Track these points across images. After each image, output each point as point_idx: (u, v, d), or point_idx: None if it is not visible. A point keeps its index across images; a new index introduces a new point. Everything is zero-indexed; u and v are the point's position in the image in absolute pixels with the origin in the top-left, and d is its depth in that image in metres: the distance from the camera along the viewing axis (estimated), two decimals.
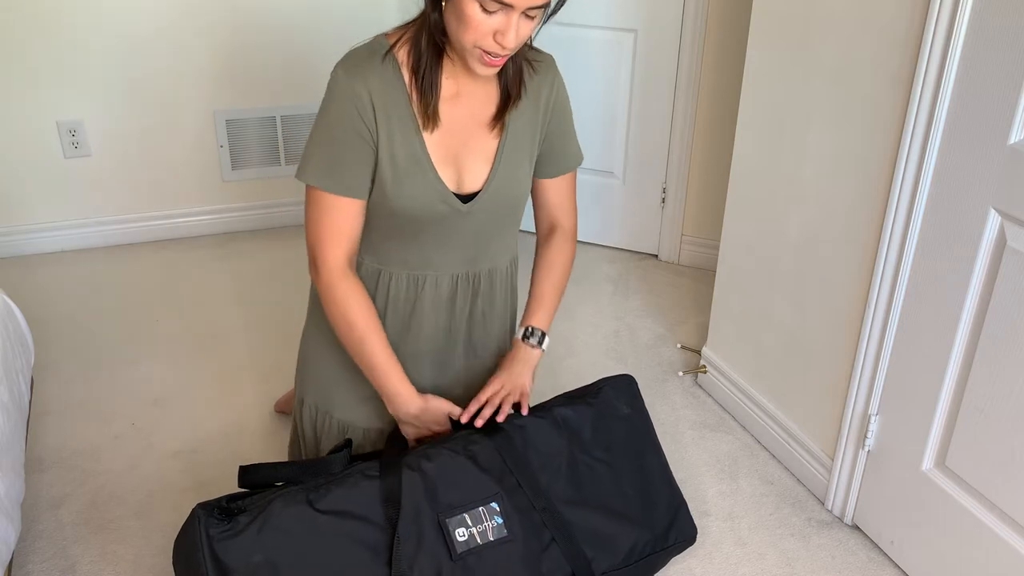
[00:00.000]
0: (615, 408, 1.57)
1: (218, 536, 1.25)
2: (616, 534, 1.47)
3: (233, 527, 1.26)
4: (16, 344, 1.74)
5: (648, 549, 1.50)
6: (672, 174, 2.80)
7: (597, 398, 1.56)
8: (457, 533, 1.35)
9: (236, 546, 1.25)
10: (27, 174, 2.75)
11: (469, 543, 1.35)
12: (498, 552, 1.37)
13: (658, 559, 1.54)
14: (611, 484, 1.50)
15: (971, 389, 1.45)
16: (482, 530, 1.37)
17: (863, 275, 1.65)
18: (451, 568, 1.33)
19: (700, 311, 2.60)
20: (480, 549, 1.36)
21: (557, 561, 1.41)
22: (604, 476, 1.50)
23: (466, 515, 1.37)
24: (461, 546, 1.34)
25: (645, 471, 1.55)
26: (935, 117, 1.43)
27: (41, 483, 1.82)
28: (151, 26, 2.71)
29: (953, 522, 1.51)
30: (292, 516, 1.29)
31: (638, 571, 1.50)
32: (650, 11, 2.63)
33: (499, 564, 1.36)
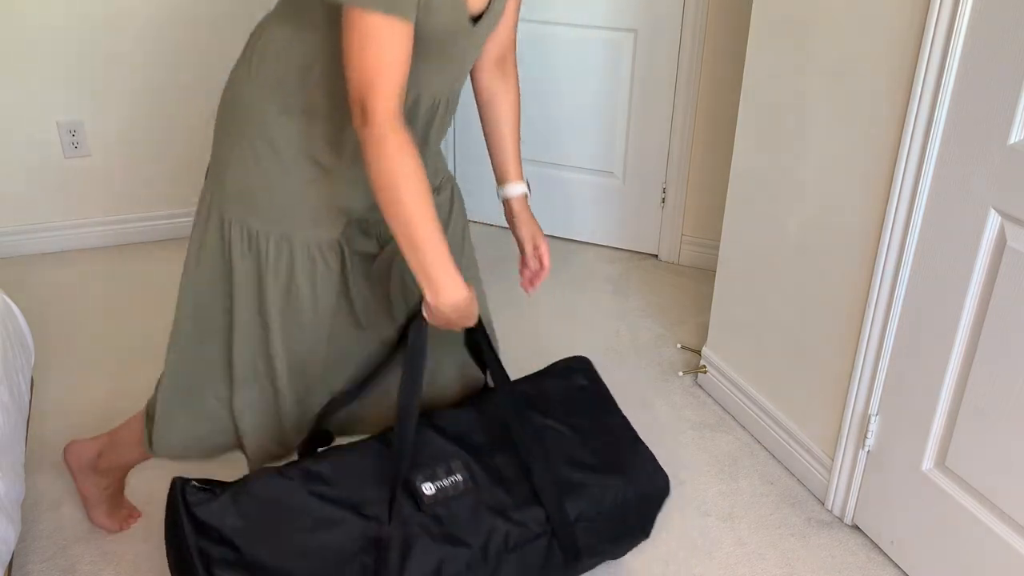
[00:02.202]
0: (572, 380, 1.63)
1: (195, 502, 1.31)
2: (586, 483, 1.49)
3: (210, 495, 1.33)
4: (16, 344, 1.74)
5: (620, 497, 1.49)
6: (672, 174, 2.80)
7: (555, 374, 1.64)
8: (424, 487, 1.39)
9: (213, 509, 1.31)
10: (27, 174, 2.75)
11: (436, 496, 1.39)
12: (466, 501, 1.40)
13: (632, 509, 1.52)
14: (576, 442, 1.54)
15: (971, 389, 1.45)
16: (449, 482, 1.41)
17: (863, 275, 1.65)
18: (420, 517, 1.37)
19: (700, 311, 2.60)
20: (447, 500, 1.39)
21: (530, 508, 1.43)
22: (568, 435, 1.54)
23: (432, 471, 1.41)
24: (429, 499, 1.38)
25: (609, 429, 1.58)
26: (935, 117, 1.43)
27: (41, 483, 1.82)
28: (151, 26, 2.71)
29: (953, 522, 1.51)
30: (267, 484, 1.36)
31: (612, 521, 1.49)
32: (650, 11, 2.63)
33: (468, 511, 1.39)
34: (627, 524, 1.54)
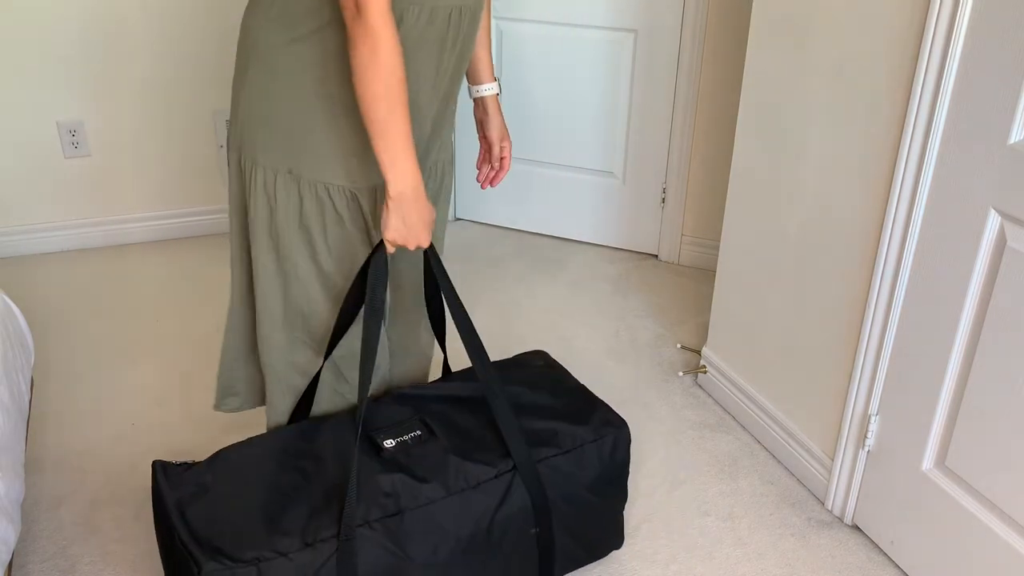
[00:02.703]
0: (530, 362, 1.73)
1: (173, 471, 1.42)
2: (546, 427, 1.52)
3: (187, 466, 1.44)
4: (16, 344, 1.74)
5: (580, 440, 1.52)
6: (672, 174, 2.80)
7: (512, 360, 1.74)
8: (385, 443, 1.45)
9: (188, 476, 1.41)
10: (27, 174, 2.75)
11: (396, 447, 1.44)
12: (426, 447, 1.45)
13: (596, 456, 1.54)
14: (536, 397, 1.60)
15: (971, 389, 1.45)
16: (409, 437, 1.47)
17: (863, 275, 1.65)
18: (380, 462, 1.41)
19: (700, 311, 2.60)
20: (407, 448, 1.44)
21: (490, 449, 1.46)
22: (525, 394, 1.60)
23: (392, 431, 1.47)
24: (388, 451, 1.43)
25: (566, 390, 1.65)
26: (935, 117, 1.43)
27: (41, 483, 1.82)
28: (152, 26, 2.71)
29: (953, 522, 1.51)
30: (240, 449, 1.46)
31: (575, 461, 1.52)
32: (650, 11, 2.63)
33: (428, 456, 1.43)
34: (597, 476, 1.55)
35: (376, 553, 1.35)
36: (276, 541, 1.30)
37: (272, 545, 1.29)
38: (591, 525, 1.59)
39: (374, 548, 1.35)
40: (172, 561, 1.37)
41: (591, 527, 1.59)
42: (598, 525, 1.60)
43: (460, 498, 1.41)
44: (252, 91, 1.40)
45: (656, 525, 1.76)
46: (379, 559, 1.36)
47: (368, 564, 1.35)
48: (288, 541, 1.30)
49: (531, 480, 1.46)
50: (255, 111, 1.41)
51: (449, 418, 1.52)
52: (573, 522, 1.54)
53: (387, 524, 1.36)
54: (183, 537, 1.30)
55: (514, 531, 1.47)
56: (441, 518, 1.40)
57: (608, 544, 1.65)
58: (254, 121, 1.41)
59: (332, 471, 1.41)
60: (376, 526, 1.35)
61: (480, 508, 1.43)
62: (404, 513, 1.37)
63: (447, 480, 1.41)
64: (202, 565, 1.25)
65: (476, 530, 1.43)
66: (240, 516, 1.34)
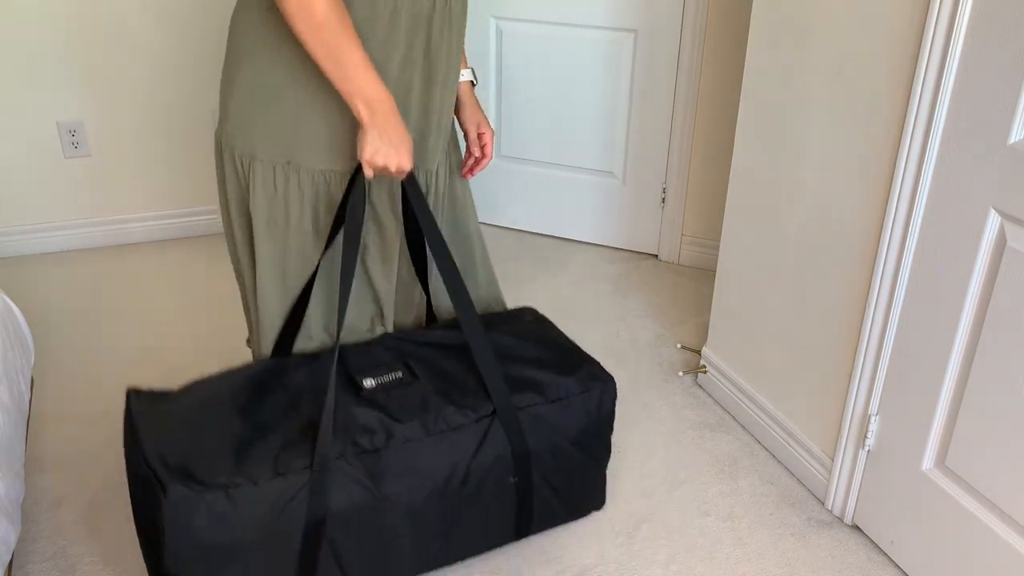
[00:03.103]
0: (519, 316, 1.72)
1: (147, 397, 1.42)
2: (531, 376, 1.50)
3: (161, 394, 1.44)
4: (16, 344, 1.74)
5: (565, 391, 1.50)
6: (672, 174, 2.80)
7: (500, 314, 1.72)
8: (365, 382, 1.43)
9: (162, 403, 1.40)
10: (27, 174, 2.75)
11: (376, 388, 1.42)
12: (407, 390, 1.43)
13: (581, 408, 1.52)
14: (522, 347, 1.57)
15: (971, 389, 1.45)
16: (391, 378, 1.45)
17: (863, 275, 1.65)
18: (359, 400, 1.39)
19: (700, 311, 2.60)
20: (387, 389, 1.42)
21: (473, 393, 1.44)
22: (511, 344, 1.57)
23: (374, 372, 1.45)
24: (368, 391, 1.41)
25: (554, 343, 1.62)
26: (935, 117, 1.43)
27: (41, 483, 1.82)
28: (151, 26, 2.71)
29: (953, 522, 1.52)
30: (217, 380, 1.45)
31: (558, 412, 1.50)
32: (650, 11, 2.63)
33: (409, 398, 1.41)
34: (581, 429, 1.52)
35: (350, 488, 1.33)
36: (247, 469, 1.27)
37: (242, 472, 1.26)
38: (573, 480, 1.56)
39: (348, 483, 1.32)
40: (138, 487, 1.33)
41: (573, 482, 1.56)
42: (580, 481, 1.58)
43: (438, 440, 1.38)
44: (244, 86, 1.40)
45: (656, 525, 1.76)
46: (353, 495, 1.33)
47: (342, 499, 1.32)
48: (259, 469, 1.27)
49: (511, 427, 1.44)
50: (248, 105, 1.41)
51: (433, 363, 1.49)
52: (554, 475, 1.52)
53: (363, 460, 1.33)
54: (150, 460, 1.27)
55: (493, 479, 1.44)
56: (418, 459, 1.37)
57: (589, 503, 1.63)
58: (248, 116, 1.41)
59: (309, 406, 1.38)
60: (352, 461, 1.33)
61: (458, 452, 1.40)
62: (380, 451, 1.34)
63: (426, 421, 1.38)
64: (167, 487, 1.22)
65: (453, 474, 1.40)
66: (211, 443, 1.31)
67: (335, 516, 1.33)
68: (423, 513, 1.40)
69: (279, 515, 1.29)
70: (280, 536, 1.30)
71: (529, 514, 1.53)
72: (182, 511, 1.23)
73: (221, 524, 1.25)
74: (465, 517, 1.45)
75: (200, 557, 1.26)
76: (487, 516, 1.48)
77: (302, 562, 1.33)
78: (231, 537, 1.27)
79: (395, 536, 1.40)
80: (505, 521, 1.51)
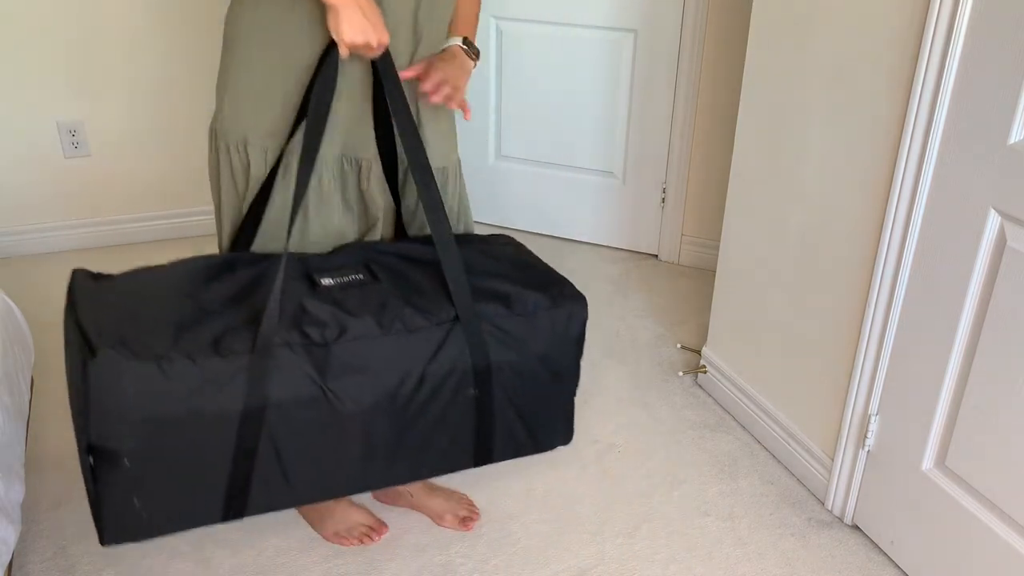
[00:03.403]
0: (495, 239, 1.63)
1: (91, 276, 1.40)
2: (498, 288, 1.43)
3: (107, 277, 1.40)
4: (16, 344, 1.74)
5: (533, 305, 1.43)
6: (672, 174, 2.80)
7: (474, 235, 1.63)
8: (322, 280, 1.37)
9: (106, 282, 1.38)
10: (27, 174, 2.75)
11: (333, 286, 1.36)
12: (366, 290, 1.36)
13: (546, 319, 1.44)
14: (489, 263, 1.50)
15: (971, 389, 1.45)
16: (351, 279, 1.38)
17: (863, 275, 1.65)
18: (313, 295, 1.33)
19: (700, 311, 2.60)
20: (347, 287, 1.36)
21: (435, 300, 1.37)
22: (482, 259, 1.50)
23: (335, 272, 1.39)
24: (325, 287, 1.35)
25: (528, 264, 1.54)
26: (935, 117, 1.43)
27: (41, 483, 1.82)
28: (151, 26, 2.71)
29: (953, 522, 1.51)
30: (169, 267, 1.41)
31: (524, 326, 1.43)
32: (650, 11, 2.63)
33: (367, 297, 1.35)
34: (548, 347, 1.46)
35: (296, 378, 1.27)
36: (184, 345, 1.21)
37: (179, 348, 1.20)
38: (538, 404, 1.50)
39: (293, 373, 1.26)
40: (71, 357, 1.27)
41: (538, 407, 1.50)
42: (546, 407, 1.51)
43: (392, 340, 1.31)
44: (236, 73, 1.44)
45: (656, 525, 1.76)
46: (299, 386, 1.27)
47: (285, 389, 1.27)
48: (197, 347, 1.21)
49: (473, 336, 1.37)
50: (241, 91, 1.43)
51: (397, 269, 1.42)
52: (518, 396, 1.45)
53: (311, 352, 1.27)
54: (84, 325, 1.22)
55: (450, 389, 1.38)
56: (369, 356, 1.31)
57: (555, 434, 1.55)
58: (241, 102, 1.44)
59: (259, 298, 1.32)
60: (298, 351, 1.26)
61: (413, 354, 1.34)
62: (330, 345, 1.28)
63: (382, 319, 1.31)
64: (97, 350, 1.17)
65: (407, 377, 1.34)
66: (150, 319, 1.25)
67: (277, 407, 1.27)
68: (373, 417, 1.33)
69: (215, 396, 1.23)
70: (216, 421, 1.25)
71: (489, 437, 1.45)
72: (110, 376, 1.17)
73: (151, 396, 1.19)
74: (420, 427, 1.38)
75: (127, 428, 1.20)
76: (445, 431, 1.40)
77: (239, 451, 1.27)
78: (162, 412, 1.21)
79: (342, 439, 1.33)
80: (465, 441, 1.44)
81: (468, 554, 1.67)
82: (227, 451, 1.27)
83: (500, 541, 1.70)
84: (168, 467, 1.25)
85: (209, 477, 1.28)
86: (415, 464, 1.43)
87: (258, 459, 1.29)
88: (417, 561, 1.65)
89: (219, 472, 1.28)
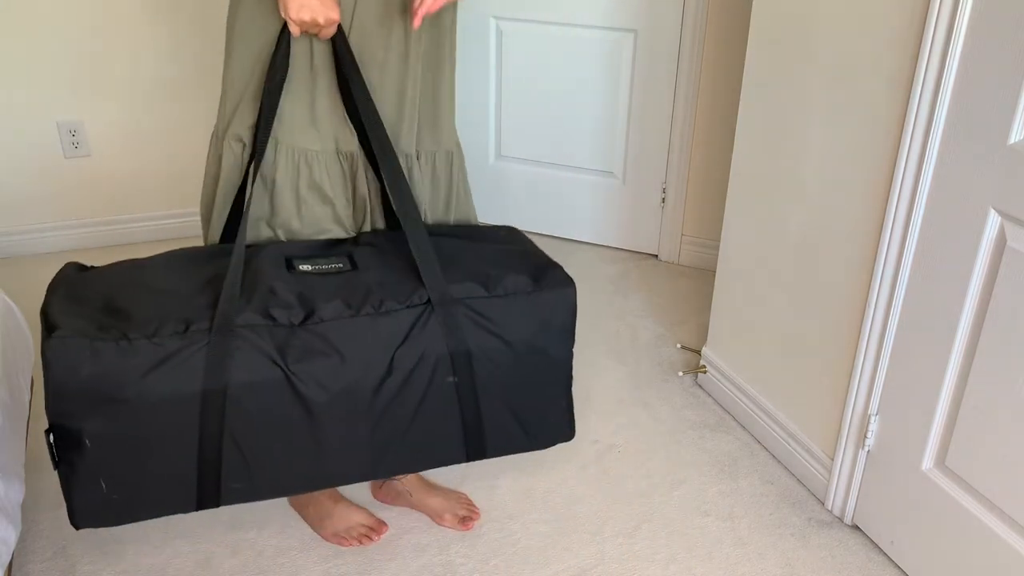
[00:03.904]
0: (494, 229, 1.58)
1: (78, 267, 1.38)
2: (477, 269, 1.37)
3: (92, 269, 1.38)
4: (16, 344, 1.74)
5: (513, 287, 1.37)
6: (672, 174, 2.80)
7: (473, 226, 1.59)
8: (300, 266, 1.35)
9: (87, 273, 1.36)
10: (27, 174, 2.75)
11: (311, 271, 1.34)
12: (341, 276, 1.34)
13: (526, 303, 1.38)
14: (477, 247, 1.46)
15: (971, 389, 1.45)
16: (330, 266, 1.36)
17: (863, 275, 1.65)
18: (285, 279, 1.31)
19: (700, 311, 2.60)
20: (323, 273, 1.34)
21: (408, 282, 1.33)
22: (471, 245, 1.46)
23: (315, 259, 1.37)
24: (300, 271, 1.34)
25: (519, 249, 1.50)
26: (935, 117, 1.43)
27: (41, 483, 1.82)
28: (151, 26, 2.71)
29: (953, 522, 1.52)
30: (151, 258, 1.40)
31: (504, 309, 1.36)
32: (650, 11, 2.63)
33: (340, 283, 1.32)
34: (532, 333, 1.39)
35: (256, 359, 1.24)
36: (143, 324, 1.21)
37: (139, 327, 1.20)
38: (527, 396, 1.43)
39: (254, 353, 1.24)
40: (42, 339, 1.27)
41: (527, 399, 1.43)
42: (536, 398, 1.44)
43: (360, 322, 1.27)
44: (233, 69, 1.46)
45: (656, 525, 1.76)
46: (260, 368, 1.24)
47: (247, 370, 1.24)
48: (155, 326, 1.21)
49: (448, 316, 1.32)
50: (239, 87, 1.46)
51: (379, 259, 1.40)
52: (504, 386, 1.39)
53: (273, 332, 1.24)
54: (51, 309, 1.22)
55: (424, 376, 1.33)
56: (335, 339, 1.27)
57: (552, 430, 1.48)
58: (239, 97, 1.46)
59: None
60: (261, 331, 1.24)
61: (382, 338, 1.29)
62: (295, 327, 1.25)
63: (350, 301, 1.28)
64: (56, 326, 1.17)
65: (375, 363, 1.29)
66: (122, 304, 1.25)
67: (239, 389, 1.24)
68: (343, 405, 1.29)
69: (174, 376, 1.21)
70: (177, 403, 1.23)
71: (479, 429, 1.39)
72: (65, 353, 1.17)
73: (109, 375, 1.18)
74: (397, 416, 1.33)
75: (86, 408, 1.20)
76: (425, 422, 1.35)
77: (204, 436, 1.26)
78: (120, 392, 1.20)
79: (313, 427, 1.30)
80: (451, 433, 1.38)
81: (468, 554, 1.67)
82: (191, 436, 1.26)
83: (500, 541, 1.71)
84: (132, 450, 1.24)
85: (176, 463, 1.27)
86: (399, 455, 1.38)
87: (225, 445, 1.27)
88: (417, 561, 1.65)
89: (186, 458, 1.27)
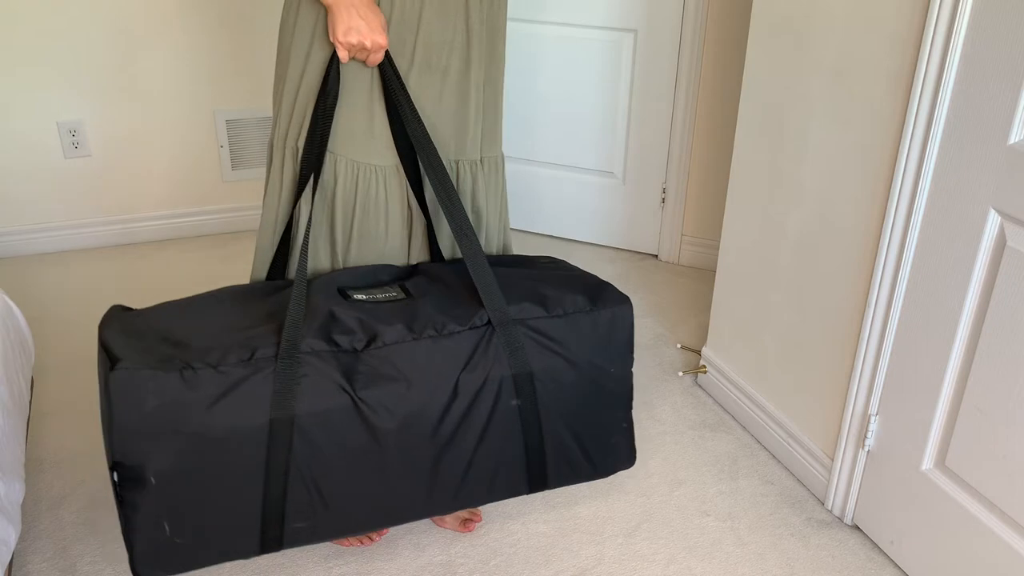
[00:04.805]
0: (535, 257, 1.58)
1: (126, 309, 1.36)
2: (533, 290, 1.37)
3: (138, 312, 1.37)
4: (16, 344, 1.74)
5: (571, 307, 1.36)
6: (672, 174, 2.80)
7: (513, 255, 1.58)
8: (355, 296, 1.34)
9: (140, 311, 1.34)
10: (27, 174, 2.75)
11: (366, 300, 1.33)
12: (398, 304, 1.32)
13: (586, 321, 1.37)
14: (528, 272, 1.47)
15: (971, 389, 1.45)
16: (384, 295, 1.35)
17: (863, 275, 1.65)
18: (343, 306, 1.30)
19: (700, 311, 2.60)
20: (379, 302, 1.32)
21: (467, 305, 1.32)
22: (521, 270, 1.46)
23: (369, 289, 1.37)
24: (356, 300, 1.33)
25: (568, 273, 1.50)
26: (935, 117, 1.43)
27: (41, 483, 1.82)
28: (151, 26, 2.71)
29: (953, 522, 1.52)
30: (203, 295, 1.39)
31: (564, 328, 1.35)
32: (650, 11, 2.63)
33: (397, 309, 1.30)
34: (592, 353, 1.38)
35: (324, 386, 1.22)
36: (207, 354, 1.18)
37: (203, 356, 1.18)
38: (590, 419, 1.41)
39: (322, 380, 1.22)
40: (99, 379, 1.23)
41: (590, 422, 1.41)
42: (598, 422, 1.42)
43: (423, 345, 1.26)
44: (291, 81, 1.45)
45: (656, 525, 1.76)
46: (328, 395, 1.22)
47: (315, 398, 1.22)
48: (219, 355, 1.18)
49: (511, 340, 1.30)
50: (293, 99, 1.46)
51: (432, 287, 1.39)
52: (567, 409, 1.37)
53: (339, 358, 1.23)
54: (109, 342, 1.19)
55: (488, 401, 1.31)
56: (400, 363, 1.25)
57: (615, 457, 1.45)
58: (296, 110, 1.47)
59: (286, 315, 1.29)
60: (326, 356, 1.22)
61: (447, 361, 1.28)
62: (359, 353, 1.24)
63: (412, 325, 1.27)
64: (117, 360, 1.14)
65: (440, 386, 1.28)
66: (175, 334, 1.23)
67: (307, 418, 1.22)
68: (409, 432, 1.27)
69: (241, 407, 1.18)
70: (244, 434, 1.19)
71: (541, 457, 1.36)
72: (130, 386, 1.13)
73: (174, 408, 1.15)
74: (461, 445, 1.31)
75: (151, 443, 1.16)
76: (489, 449, 1.32)
77: (270, 470, 1.22)
78: (186, 424, 1.16)
79: (381, 458, 1.27)
80: (514, 461, 1.35)
81: (468, 554, 1.67)
82: (257, 471, 1.22)
83: (500, 541, 1.71)
84: (196, 489, 1.20)
85: (240, 501, 1.23)
86: (462, 488, 1.35)
87: (290, 480, 1.23)
88: (417, 561, 1.65)
89: (250, 496, 1.23)
